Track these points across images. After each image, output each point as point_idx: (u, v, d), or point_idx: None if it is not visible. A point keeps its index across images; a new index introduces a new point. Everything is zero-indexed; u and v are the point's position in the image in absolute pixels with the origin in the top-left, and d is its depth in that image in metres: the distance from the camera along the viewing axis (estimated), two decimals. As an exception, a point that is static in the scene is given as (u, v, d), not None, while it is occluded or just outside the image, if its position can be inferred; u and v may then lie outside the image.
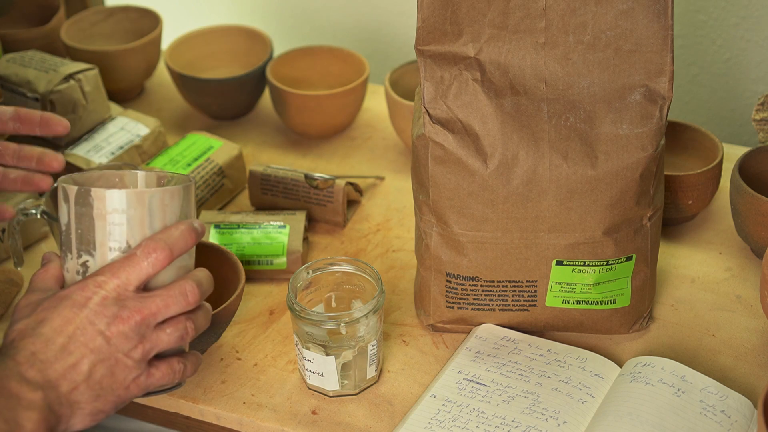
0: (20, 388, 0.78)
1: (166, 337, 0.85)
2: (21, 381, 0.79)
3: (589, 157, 0.98)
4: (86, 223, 0.86)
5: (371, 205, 1.29)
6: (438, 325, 1.09)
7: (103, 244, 0.86)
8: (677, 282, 1.15)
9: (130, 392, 0.84)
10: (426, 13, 0.99)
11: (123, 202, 0.85)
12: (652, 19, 0.97)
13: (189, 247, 0.87)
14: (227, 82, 1.40)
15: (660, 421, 0.94)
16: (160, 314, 0.84)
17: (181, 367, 0.87)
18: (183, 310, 0.86)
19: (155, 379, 0.85)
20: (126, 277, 0.84)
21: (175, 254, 0.85)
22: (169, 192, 0.87)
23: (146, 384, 0.85)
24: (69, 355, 0.81)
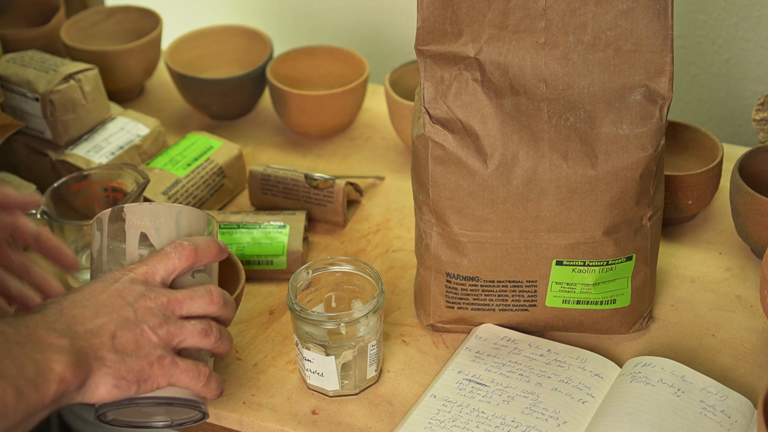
0: (47, 335, 0.79)
1: (191, 327, 0.86)
2: (48, 330, 0.80)
3: (589, 157, 0.98)
4: (118, 237, 0.90)
5: (371, 205, 1.29)
6: (438, 325, 1.09)
7: (132, 252, 0.90)
8: (677, 282, 1.15)
9: (154, 372, 0.84)
10: (426, 13, 0.99)
11: (154, 212, 0.91)
12: (652, 19, 0.97)
13: (213, 256, 0.90)
14: (227, 82, 1.40)
15: (660, 421, 0.94)
16: (185, 304, 0.87)
17: (206, 373, 0.88)
18: (207, 309, 0.88)
19: (180, 370, 0.85)
20: (154, 265, 0.87)
21: (199, 256, 0.89)
22: (196, 213, 0.93)
23: (170, 371, 0.85)
24: (96, 316, 0.82)
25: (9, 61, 1.31)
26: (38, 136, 1.31)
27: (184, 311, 0.87)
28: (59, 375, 0.78)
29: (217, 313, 0.89)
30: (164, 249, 0.88)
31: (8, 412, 0.75)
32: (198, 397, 0.89)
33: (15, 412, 0.75)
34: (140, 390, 0.84)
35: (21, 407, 0.76)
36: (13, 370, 0.75)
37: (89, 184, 1.19)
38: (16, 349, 0.77)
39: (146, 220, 0.91)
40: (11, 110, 1.31)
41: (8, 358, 0.76)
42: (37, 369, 0.77)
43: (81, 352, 0.80)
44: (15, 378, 0.75)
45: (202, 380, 0.87)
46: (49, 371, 0.77)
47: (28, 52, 1.33)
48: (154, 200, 1.22)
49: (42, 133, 1.30)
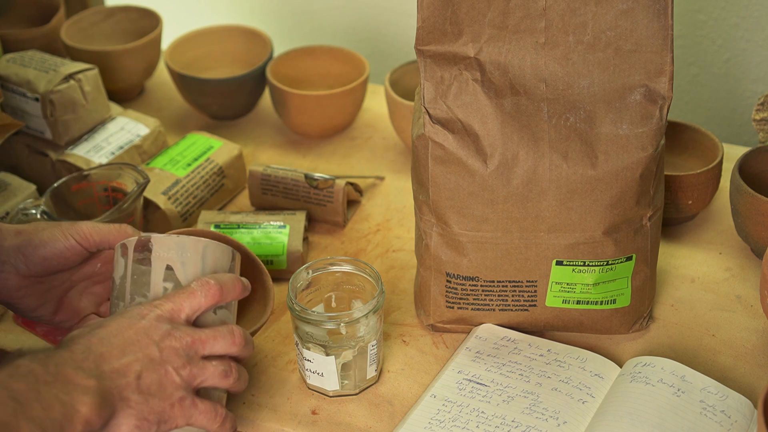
0: (75, 375, 0.80)
1: (212, 368, 0.88)
2: (76, 369, 0.80)
3: (589, 157, 0.98)
4: (144, 267, 0.91)
5: (371, 205, 1.29)
6: (438, 325, 1.09)
7: (157, 284, 0.91)
8: (677, 282, 1.15)
9: (174, 413, 0.86)
10: (426, 13, 0.99)
11: (180, 246, 0.91)
12: (652, 19, 0.97)
13: (237, 294, 0.92)
14: (227, 82, 1.40)
15: (660, 421, 0.94)
16: (209, 345, 0.88)
17: (223, 414, 0.89)
18: (229, 349, 0.90)
19: (198, 411, 0.87)
20: (180, 302, 0.88)
21: (225, 294, 0.90)
22: (221, 248, 0.93)
23: (190, 412, 0.86)
24: (123, 355, 0.84)
25: (9, 61, 1.31)
26: (38, 136, 1.31)
27: (207, 351, 0.89)
28: (85, 417, 0.79)
29: (238, 353, 0.91)
30: (191, 286, 0.89)
31: None
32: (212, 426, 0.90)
33: None
34: (159, 430, 0.85)
35: None
36: (41, 412, 0.76)
37: (89, 184, 1.19)
38: (44, 390, 0.78)
39: (173, 252, 0.91)
40: (11, 110, 1.31)
41: (36, 399, 0.77)
42: (64, 411, 0.78)
43: (107, 392, 0.81)
44: (42, 420, 0.76)
45: (218, 421, 0.89)
46: (75, 413, 0.78)
47: (28, 52, 1.33)
48: (154, 200, 1.22)
49: (42, 133, 1.30)
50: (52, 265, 0.97)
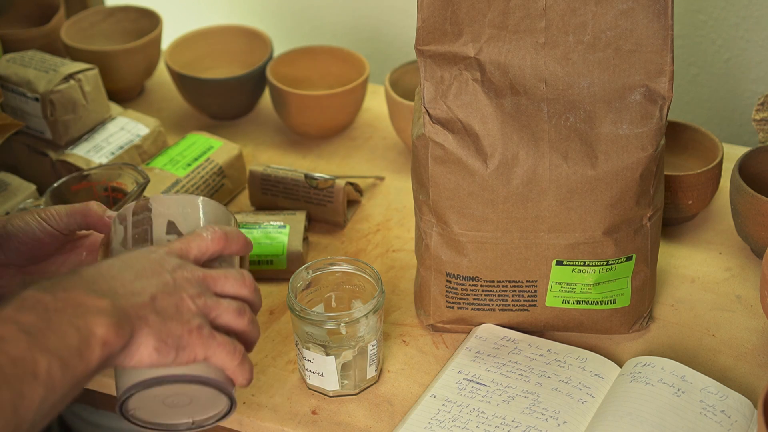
0: (86, 297, 0.76)
1: (226, 304, 0.84)
2: (88, 291, 0.77)
3: (589, 157, 0.98)
4: (144, 224, 0.89)
5: (371, 205, 1.29)
6: (438, 325, 1.09)
7: (160, 238, 0.89)
8: (677, 282, 1.15)
9: (193, 341, 0.81)
10: (426, 13, 0.99)
11: (180, 202, 0.90)
12: (652, 19, 0.97)
13: (241, 246, 0.89)
14: (227, 82, 1.40)
15: (660, 421, 0.94)
16: (220, 282, 0.85)
17: (242, 351, 0.84)
18: (240, 290, 0.86)
19: (217, 343, 0.82)
20: (188, 243, 0.85)
21: (229, 242, 0.88)
22: (221, 208, 0.92)
23: (208, 342, 0.82)
24: (136, 279, 0.80)
25: (9, 61, 1.31)
26: (38, 136, 1.31)
27: (218, 288, 0.85)
28: (102, 338, 0.75)
29: (249, 296, 0.87)
30: (197, 231, 0.87)
31: (56, 385, 0.73)
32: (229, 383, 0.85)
33: (63, 385, 0.73)
34: (178, 358, 0.81)
35: (68, 378, 0.74)
36: (56, 341, 0.73)
37: (89, 184, 1.19)
38: (55, 318, 0.74)
39: (173, 208, 0.90)
40: (11, 110, 1.31)
41: (49, 328, 0.73)
42: (80, 336, 0.74)
43: (122, 311, 0.77)
44: (58, 349, 0.73)
45: (237, 358, 0.84)
46: (92, 336, 0.75)
47: (28, 52, 1.33)
48: None
49: (42, 133, 1.30)
50: (30, 251, 0.95)
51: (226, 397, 0.85)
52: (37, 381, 0.72)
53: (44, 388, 0.72)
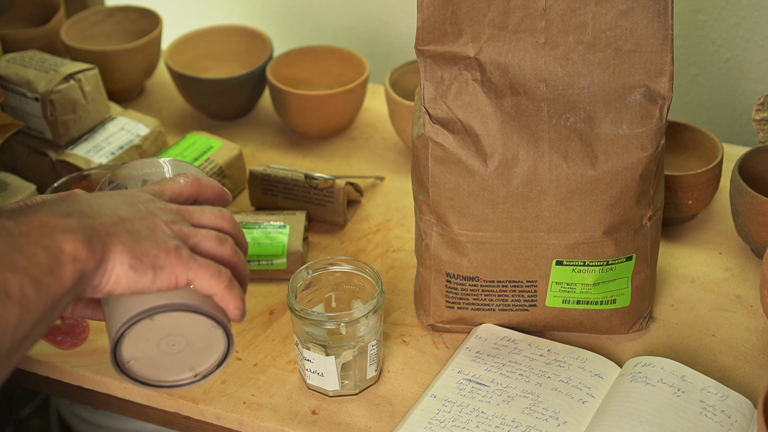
0: (51, 218, 0.74)
1: (205, 232, 0.80)
2: (51, 213, 0.75)
3: (589, 157, 0.98)
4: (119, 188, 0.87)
5: (371, 205, 1.29)
6: (438, 325, 1.09)
7: None
8: (677, 282, 1.15)
9: (170, 260, 0.77)
10: (426, 13, 0.99)
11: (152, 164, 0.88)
12: (652, 19, 0.97)
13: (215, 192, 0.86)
14: (227, 82, 1.40)
15: (660, 421, 0.94)
16: (196, 214, 0.82)
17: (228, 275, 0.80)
18: (218, 222, 0.82)
19: (198, 264, 0.78)
20: (161, 185, 0.83)
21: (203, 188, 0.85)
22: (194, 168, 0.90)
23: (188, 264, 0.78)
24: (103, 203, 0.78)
25: (9, 61, 1.31)
26: (38, 136, 1.31)
27: (195, 220, 0.82)
28: (72, 254, 0.73)
29: (229, 229, 0.83)
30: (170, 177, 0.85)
31: (30, 305, 0.71)
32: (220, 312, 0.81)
33: (38, 304, 0.72)
34: (157, 279, 0.77)
35: (43, 297, 0.72)
36: (24, 261, 0.71)
37: (89, 184, 1.19)
38: (21, 240, 0.72)
39: (146, 169, 0.88)
40: (11, 110, 1.31)
41: (16, 250, 0.71)
42: (49, 254, 0.72)
43: (91, 228, 0.75)
44: (29, 269, 0.71)
45: (224, 281, 0.79)
46: (61, 253, 0.73)
47: (28, 52, 1.33)
48: None
49: (42, 133, 1.30)
50: None
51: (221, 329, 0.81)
52: (10, 300, 0.70)
53: (19, 307, 0.71)
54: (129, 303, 0.79)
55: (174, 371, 0.84)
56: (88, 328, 1.11)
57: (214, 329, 0.81)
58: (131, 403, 1.09)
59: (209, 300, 0.80)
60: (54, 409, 1.59)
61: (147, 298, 0.79)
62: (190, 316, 0.80)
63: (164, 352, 0.82)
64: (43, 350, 1.10)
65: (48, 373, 1.10)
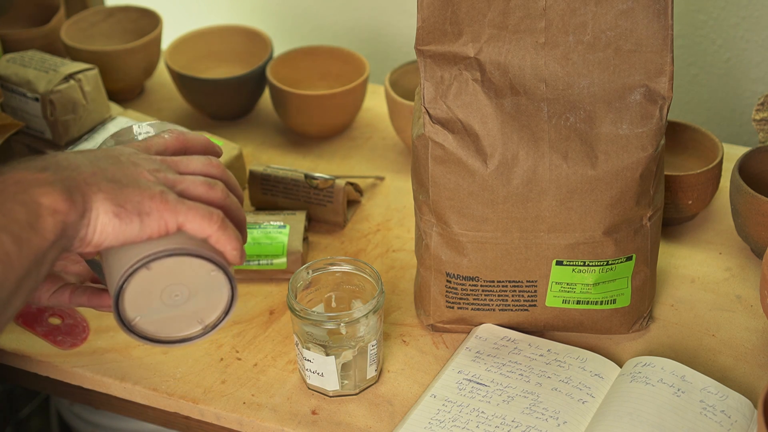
0: (26, 173, 0.72)
1: (192, 178, 0.79)
2: (26, 168, 0.73)
3: (589, 157, 0.98)
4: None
5: (371, 205, 1.29)
6: (438, 325, 1.09)
7: None
8: (677, 282, 1.15)
9: (156, 205, 0.75)
10: (426, 13, 0.99)
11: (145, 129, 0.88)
12: (652, 19, 0.97)
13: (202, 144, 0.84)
14: (227, 82, 1.40)
15: (660, 421, 0.94)
16: (182, 163, 0.80)
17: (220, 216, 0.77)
18: (207, 169, 0.81)
19: (187, 207, 0.76)
20: (147, 141, 0.82)
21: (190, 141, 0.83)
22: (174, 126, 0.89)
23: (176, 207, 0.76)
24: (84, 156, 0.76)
25: (9, 61, 1.31)
26: (38, 136, 1.31)
27: (182, 168, 0.80)
28: (51, 207, 0.72)
29: (219, 175, 0.81)
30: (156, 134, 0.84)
31: (12, 261, 0.70)
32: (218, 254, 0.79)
33: (21, 259, 0.71)
34: (144, 225, 0.75)
35: (26, 252, 0.71)
36: (2, 219, 0.70)
37: (89, 184, 1.19)
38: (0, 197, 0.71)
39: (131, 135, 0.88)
40: (11, 110, 1.31)
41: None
42: (27, 209, 0.71)
43: (68, 180, 0.73)
44: (7, 225, 0.70)
45: (216, 221, 0.77)
46: (39, 207, 0.71)
47: (28, 52, 1.33)
48: None
49: (42, 133, 1.30)
50: None
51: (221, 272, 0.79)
52: None
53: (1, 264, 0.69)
54: (124, 256, 0.78)
55: (182, 325, 0.82)
56: (88, 328, 1.11)
57: (215, 273, 0.79)
58: (131, 403, 1.09)
59: (205, 243, 0.78)
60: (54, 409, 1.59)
61: (141, 248, 0.77)
62: (187, 262, 0.78)
63: (168, 305, 0.81)
64: (43, 350, 1.10)
65: (48, 373, 1.10)
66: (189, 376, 1.06)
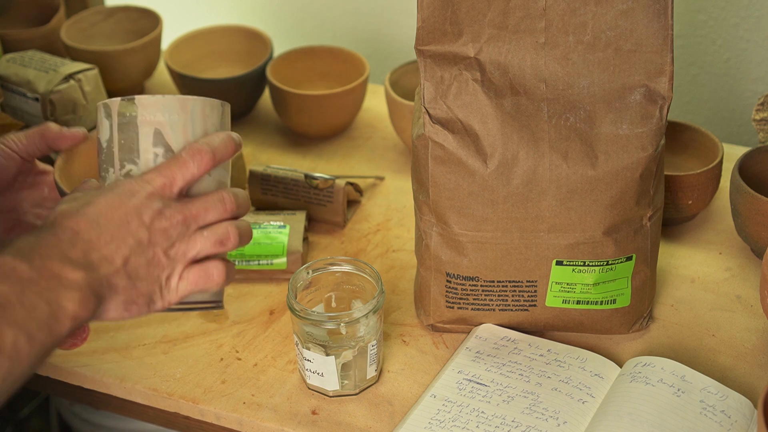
0: (62, 268, 0.77)
1: (202, 240, 0.85)
2: (63, 260, 0.77)
3: (589, 157, 0.98)
4: (130, 131, 0.86)
5: (371, 205, 1.29)
6: (438, 325, 1.09)
7: (147, 150, 0.86)
8: (677, 282, 1.15)
9: (165, 297, 0.84)
10: (426, 13, 0.99)
11: (167, 107, 0.86)
12: (652, 19, 0.97)
13: (230, 154, 0.88)
14: (227, 82, 1.40)
15: (660, 421, 0.94)
16: (200, 218, 0.85)
17: (218, 273, 0.85)
18: (221, 217, 0.86)
19: (189, 283, 0.84)
20: (172, 176, 0.84)
21: (217, 159, 0.86)
22: (210, 103, 0.88)
23: (179, 287, 0.84)
24: (112, 239, 0.80)
25: (9, 61, 1.31)
26: (38, 136, 1.31)
27: (200, 224, 0.85)
28: (73, 313, 0.76)
29: (232, 215, 0.88)
30: (182, 156, 0.85)
31: (22, 358, 0.73)
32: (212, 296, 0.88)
33: (30, 357, 0.74)
34: (150, 310, 0.83)
35: (35, 350, 0.74)
36: (24, 315, 0.73)
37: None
38: (28, 290, 0.74)
39: (159, 115, 0.86)
40: (11, 110, 1.31)
41: (19, 301, 0.74)
42: (50, 309, 0.75)
43: (94, 282, 0.78)
44: (26, 322, 0.73)
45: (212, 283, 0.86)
46: (61, 310, 0.76)
47: (28, 52, 1.33)
48: None
49: (42, 133, 1.30)
50: None
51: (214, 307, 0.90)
52: (2, 354, 0.72)
53: (9, 360, 0.72)
54: None
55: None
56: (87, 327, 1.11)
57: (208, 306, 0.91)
58: (131, 403, 1.09)
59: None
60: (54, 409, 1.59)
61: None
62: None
63: None
64: (43, 350, 1.10)
65: (48, 373, 1.10)
66: (189, 376, 1.06)
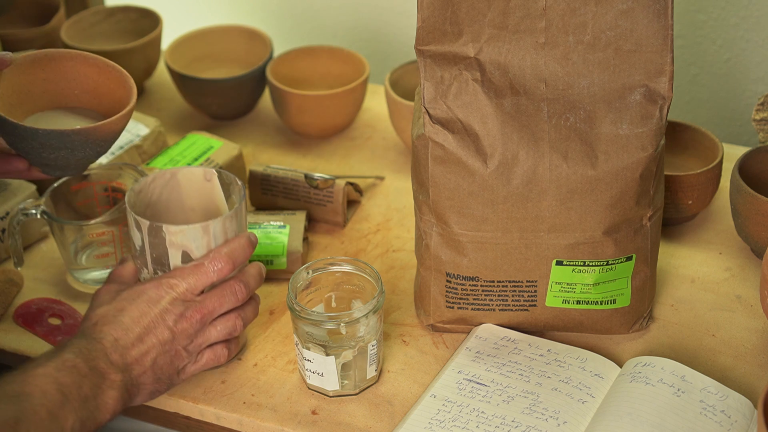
0: (107, 370, 0.93)
1: (216, 333, 1.01)
2: (108, 363, 0.94)
3: (589, 157, 0.98)
4: (160, 250, 0.99)
5: (371, 205, 1.29)
6: (438, 325, 1.09)
7: (176, 264, 1.00)
8: (677, 282, 1.15)
9: (181, 377, 1.00)
10: (426, 13, 0.99)
11: (191, 234, 0.98)
12: (652, 19, 0.97)
13: (247, 257, 1.01)
14: (227, 82, 1.40)
15: (660, 421, 0.94)
16: (216, 311, 1.00)
17: (225, 352, 1.02)
18: (233, 306, 1.01)
19: (201, 365, 1.01)
20: (194, 283, 0.98)
21: (236, 266, 1.00)
22: (229, 217, 1.00)
23: (194, 369, 1.01)
24: (142, 344, 0.96)
25: (9, 61, 1.31)
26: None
27: (215, 316, 1.00)
28: (113, 408, 0.93)
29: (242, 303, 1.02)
30: (204, 265, 0.98)
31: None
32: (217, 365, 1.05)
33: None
34: (168, 390, 1.01)
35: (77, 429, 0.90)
36: (79, 405, 0.90)
37: (89, 184, 1.19)
38: (84, 384, 0.91)
39: (185, 241, 0.98)
40: (11, 110, 1.30)
41: (77, 393, 0.90)
42: (97, 403, 0.92)
43: (128, 383, 0.95)
44: (81, 411, 0.90)
45: (221, 360, 1.03)
46: (104, 406, 0.93)
47: (28, 52, 1.33)
48: None
49: (42, 133, 1.30)
50: None
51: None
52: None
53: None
54: None
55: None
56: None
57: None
58: (131, 403, 1.09)
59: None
60: (54, 409, 1.59)
61: None
62: None
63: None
64: (43, 350, 1.09)
65: (48, 373, 1.10)
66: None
